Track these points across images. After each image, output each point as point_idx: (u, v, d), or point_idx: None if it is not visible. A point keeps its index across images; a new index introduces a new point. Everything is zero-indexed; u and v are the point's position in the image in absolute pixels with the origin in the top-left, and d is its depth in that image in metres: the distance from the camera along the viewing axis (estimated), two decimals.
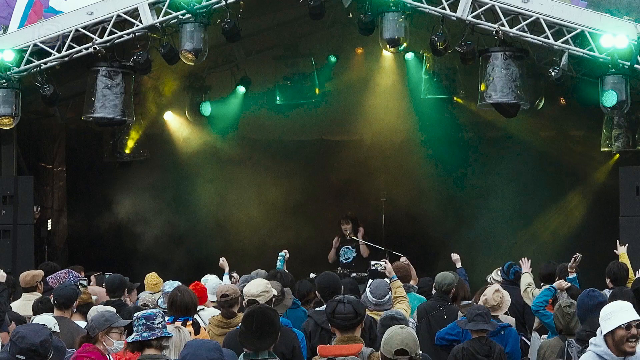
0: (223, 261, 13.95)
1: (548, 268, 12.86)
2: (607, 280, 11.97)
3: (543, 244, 19.19)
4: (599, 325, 7.94)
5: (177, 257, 19.34)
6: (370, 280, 11.33)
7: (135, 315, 7.75)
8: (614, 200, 16.52)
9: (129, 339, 7.65)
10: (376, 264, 11.68)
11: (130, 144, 19.92)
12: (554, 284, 11.46)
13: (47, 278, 12.14)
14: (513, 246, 19.11)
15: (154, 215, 19.72)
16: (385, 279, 11.03)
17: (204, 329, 9.70)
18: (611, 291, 10.68)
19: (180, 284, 11.22)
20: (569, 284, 11.49)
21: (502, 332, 10.52)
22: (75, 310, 10.42)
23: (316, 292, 11.01)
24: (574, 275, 11.91)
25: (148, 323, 7.56)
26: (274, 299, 9.49)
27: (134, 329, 7.65)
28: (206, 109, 19.93)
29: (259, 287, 9.38)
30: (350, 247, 18.20)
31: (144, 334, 7.55)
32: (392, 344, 6.85)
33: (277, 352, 8.34)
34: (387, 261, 11.63)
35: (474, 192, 20.44)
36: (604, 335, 6.70)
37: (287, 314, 10.35)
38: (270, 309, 7.49)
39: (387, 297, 10.42)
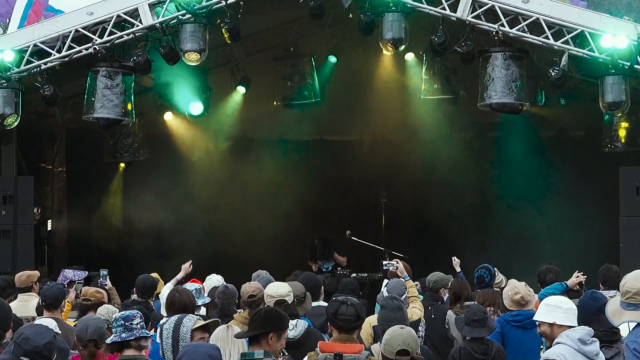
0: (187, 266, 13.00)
1: (545, 271, 12.80)
2: (599, 282, 12.00)
3: (542, 245, 19.18)
4: (610, 324, 8.01)
5: (177, 257, 19.32)
6: (386, 280, 11.36)
7: (114, 316, 7.75)
8: (614, 200, 16.51)
9: (108, 340, 7.65)
10: (388, 263, 11.75)
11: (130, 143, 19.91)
12: (567, 281, 11.41)
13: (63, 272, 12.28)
14: (513, 246, 19.10)
15: (154, 215, 19.72)
16: (400, 279, 11.08)
17: None
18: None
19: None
20: (583, 278, 11.32)
21: None
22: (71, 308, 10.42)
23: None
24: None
25: (127, 324, 7.55)
26: (295, 301, 9.52)
27: (113, 329, 7.65)
28: (197, 108, 19.79)
29: (284, 287, 9.49)
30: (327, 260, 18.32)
31: (123, 335, 7.53)
32: (394, 345, 6.84)
33: None
34: (399, 261, 11.68)
35: (474, 192, 20.44)
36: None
37: None
38: (273, 310, 7.44)
39: (404, 296, 10.46)
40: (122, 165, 20.50)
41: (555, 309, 7.71)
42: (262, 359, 7.02)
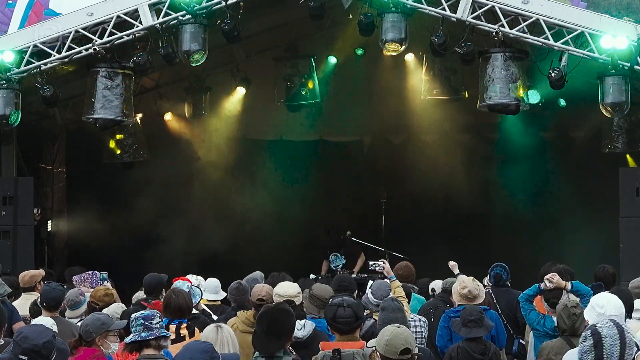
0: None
1: (547, 269, 12.80)
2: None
3: (543, 245, 19.18)
4: None
5: (177, 258, 19.33)
6: (370, 282, 11.27)
7: (133, 315, 7.75)
8: (614, 201, 16.51)
9: (127, 340, 7.63)
10: (374, 264, 11.64)
11: (113, 144, 19.87)
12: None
13: (73, 279, 12.28)
14: (513, 247, 19.09)
15: (154, 216, 19.72)
16: (386, 280, 11.00)
17: (199, 331, 9.64)
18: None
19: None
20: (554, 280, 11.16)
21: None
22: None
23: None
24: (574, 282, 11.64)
25: (146, 323, 7.54)
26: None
27: (132, 329, 7.63)
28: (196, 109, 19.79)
29: (293, 288, 9.50)
30: (339, 254, 18.17)
31: (142, 334, 7.53)
32: (397, 344, 6.82)
33: None
34: (385, 261, 11.57)
35: (474, 193, 20.44)
36: None
37: None
38: (284, 310, 7.39)
39: (388, 298, 10.40)
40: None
41: (592, 310, 7.82)
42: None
